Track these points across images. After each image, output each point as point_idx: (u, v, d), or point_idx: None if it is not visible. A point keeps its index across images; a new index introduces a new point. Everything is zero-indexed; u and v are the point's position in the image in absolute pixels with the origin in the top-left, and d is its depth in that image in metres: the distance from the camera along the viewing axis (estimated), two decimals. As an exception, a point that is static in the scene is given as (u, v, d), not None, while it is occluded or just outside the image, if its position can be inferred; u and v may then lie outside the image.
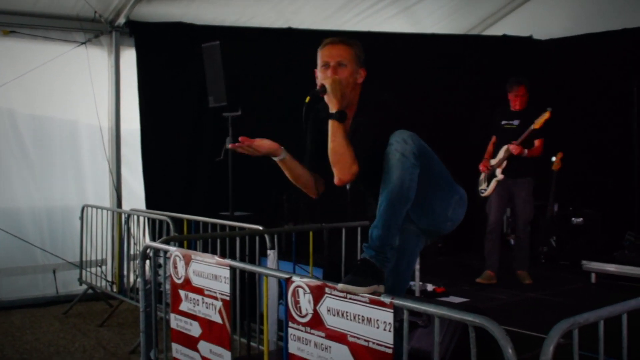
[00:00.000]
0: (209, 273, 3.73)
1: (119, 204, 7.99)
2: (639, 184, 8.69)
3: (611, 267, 7.80)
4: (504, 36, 10.28)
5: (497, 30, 10.58)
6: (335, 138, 3.22)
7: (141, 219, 6.88)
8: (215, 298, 3.69)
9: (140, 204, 8.07)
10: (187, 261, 3.92)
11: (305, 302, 3.10)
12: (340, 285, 2.89)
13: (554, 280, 8.14)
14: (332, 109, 3.26)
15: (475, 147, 8.22)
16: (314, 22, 9.06)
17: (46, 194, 7.84)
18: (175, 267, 4.03)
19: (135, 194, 8.25)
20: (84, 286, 7.59)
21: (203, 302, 3.79)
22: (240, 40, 7.86)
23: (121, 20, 7.85)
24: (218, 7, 8.32)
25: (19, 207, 7.68)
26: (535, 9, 10.39)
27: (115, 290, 7.44)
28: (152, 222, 6.73)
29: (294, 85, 4.03)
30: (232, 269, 3.62)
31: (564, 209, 9.33)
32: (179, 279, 4.00)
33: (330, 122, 3.24)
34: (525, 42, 10.33)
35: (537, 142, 7.70)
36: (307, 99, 3.28)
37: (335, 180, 3.33)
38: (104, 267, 7.69)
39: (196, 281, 3.85)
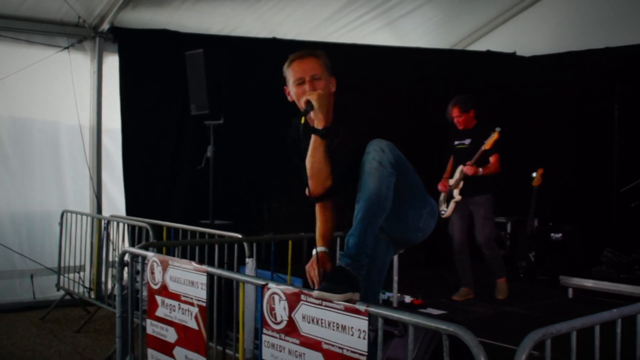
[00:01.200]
0: (186, 279, 3.72)
1: (99, 210, 7.92)
2: (618, 201, 8.75)
3: (589, 283, 7.85)
4: (488, 52, 10.33)
5: (481, 46, 10.63)
6: (315, 153, 3.24)
7: (120, 225, 6.84)
8: (192, 304, 3.67)
9: (121, 210, 8.02)
10: (165, 267, 3.90)
11: (281, 309, 3.10)
12: (315, 293, 2.89)
13: (531, 294, 8.15)
14: (319, 125, 3.25)
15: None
16: (298, 34, 9.08)
17: (26, 198, 7.77)
18: (153, 273, 4.02)
19: (115, 201, 8.21)
20: (62, 292, 7.51)
21: (179, 308, 3.78)
22: (224, 49, 7.84)
23: (105, 26, 7.78)
24: (203, 16, 8.30)
25: (-2, 212, 7.60)
26: (519, 26, 10.44)
27: (93, 296, 7.37)
28: (131, 229, 6.72)
29: (277, 95, 4.03)
30: (209, 275, 3.61)
31: (544, 225, 9.39)
32: (156, 284, 3.98)
33: (314, 138, 3.25)
34: (508, 58, 10.37)
35: (492, 159, 7.59)
36: (302, 120, 3.28)
37: (307, 192, 3.36)
38: (82, 273, 7.60)
39: (173, 287, 3.84)
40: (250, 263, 4.91)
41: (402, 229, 3.36)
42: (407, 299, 6.87)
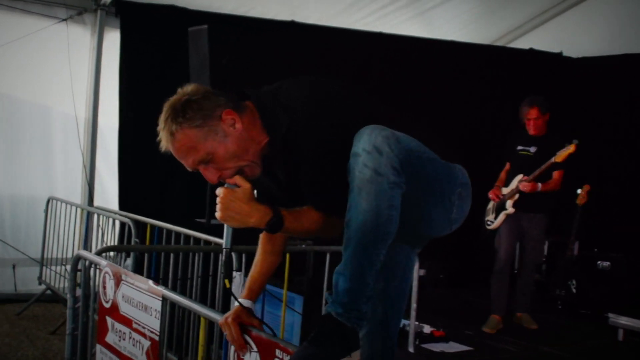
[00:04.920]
0: (139, 301, 2.87)
1: (91, 200, 7.38)
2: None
3: (643, 325, 6.83)
4: (531, 50, 9.52)
5: (524, 43, 9.84)
6: (295, 228, 2.27)
7: (102, 218, 6.16)
8: (144, 335, 2.82)
9: (114, 202, 7.46)
10: (117, 281, 3.06)
11: (252, 360, 2.24)
12: None
13: (573, 333, 7.12)
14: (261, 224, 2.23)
15: (492, 165, 7.37)
16: (320, 19, 8.28)
17: (11, 180, 7.39)
18: (105, 287, 3.19)
19: (108, 191, 7.67)
20: (43, 286, 7.05)
21: (130, 337, 2.94)
22: (232, 28, 7.14)
23: (108, -2, 7.25)
24: (215, -8, 7.66)
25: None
26: (565, 25, 9.63)
27: (75, 293, 6.73)
28: (121, 224, 6.15)
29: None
30: (166, 300, 2.74)
31: (588, 250, 8.40)
32: (107, 302, 3.16)
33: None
34: (554, 58, 9.57)
35: (555, 175, 6.79)
36: (227, 283, 2.32)
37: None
38: (68, 267, 6.97)
39: (124, 309, 3.00)
40: (237, 277, 4.06)
41: (429, 230, 2.41)
42: (427, 329, 5.98)
